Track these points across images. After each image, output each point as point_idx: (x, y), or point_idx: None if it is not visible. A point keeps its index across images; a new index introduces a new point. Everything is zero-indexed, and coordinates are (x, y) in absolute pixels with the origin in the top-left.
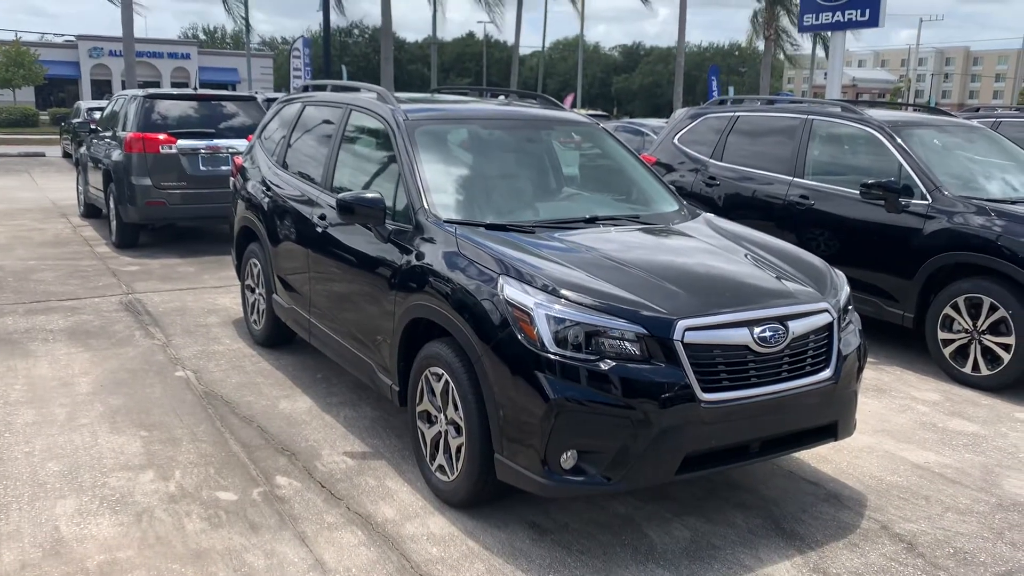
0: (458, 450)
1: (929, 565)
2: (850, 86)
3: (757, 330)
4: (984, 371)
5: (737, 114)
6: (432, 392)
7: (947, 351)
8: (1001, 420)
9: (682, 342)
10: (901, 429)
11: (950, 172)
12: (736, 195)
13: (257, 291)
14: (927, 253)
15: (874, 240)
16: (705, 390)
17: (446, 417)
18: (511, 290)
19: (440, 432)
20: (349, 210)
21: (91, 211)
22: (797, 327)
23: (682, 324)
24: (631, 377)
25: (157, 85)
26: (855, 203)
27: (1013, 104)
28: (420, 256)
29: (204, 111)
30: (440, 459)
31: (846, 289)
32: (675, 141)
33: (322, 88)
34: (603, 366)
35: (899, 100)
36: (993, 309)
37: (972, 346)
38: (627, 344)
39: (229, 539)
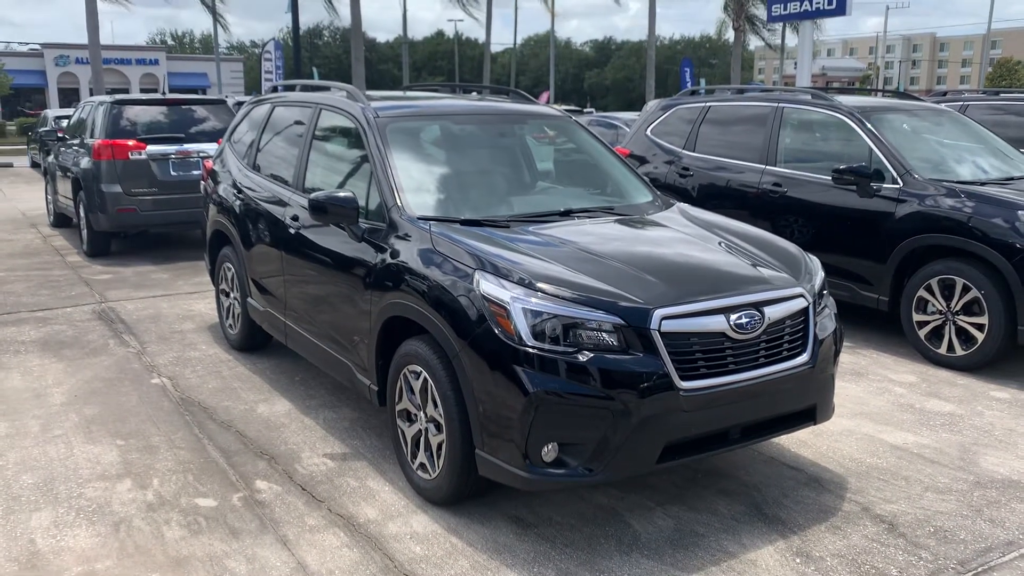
0: (439, 447)
1: (911, 544)
2: (820, 75)
3: (733, 317)
4: (959, 351)
5: (708, 104)
6: (411, 390)
7: (922, 333)
8: (977, 399)
9: (659, 331)
10: (879, 411)
11: (920, 156)
12: (710, 185)
13: (232, 295)
14: (899, 236)
15: (847, 225)
16: (683, 378)
17: (426, 415)
18: (487, 285)
19: (420, 430)
20: (322, 210)
21: (61, 220)
22: (773, 313)
23: (659, 313)
24: (610, 368)
25: (126, 92)
26: (827, 189)
27: (980, 88)
28: (395, 254)
29: (173, 116)
30: (421, 457)
31: (820, 274)
32: (648, 133)
33: (292, 88)
34: (581, 358)
35: (868, 87)
36: (966, 290)
37: (946, 327)
38: (605, 335)
39: (210, 545)
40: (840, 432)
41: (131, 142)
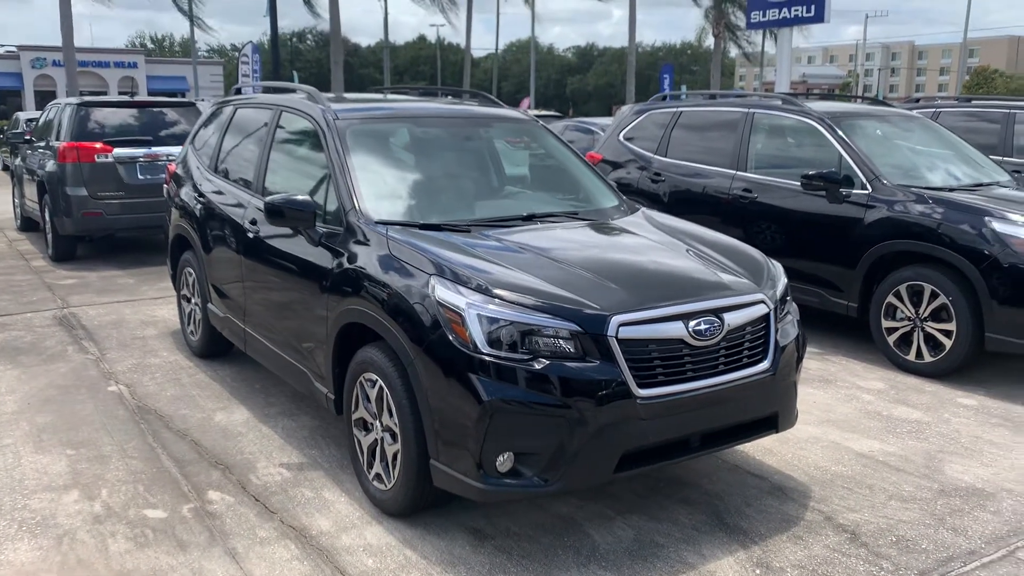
0: (394, 457)
1: (872, 554)
2: (800, 82)
3: (692, 323)
4: (927, 358)
5: (680, 109)
6: (367, 399)
7: (891, 339)
8: (944, 406)
9: (616, 338)
10: (846, 419)
11: (889, 161)
12: (681, 190)
13: (193, 301)
14: (869, 242)
15: (817, 231)
16: (641, 386)
17: (381, 424)
18: (442, 291)
19: (376, 440)
20: (278, 213)
21: (28, 224)
22: (733, 319)
23: (616, 320)
24: (566, 375)
25: (104, 95)
26: (797, 195)
27: (954, 96)
28: (351, 259)
29: (142, 119)
30: (377, 467)
31: (783, 280)
32: (620, 138)
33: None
34: (537, 365)
35: (848, 94)
36: (934, 296)
37: (915, 333)
38: (561, 342)
39: (155, 559)
40: (806, 439)
41: (98, 145)
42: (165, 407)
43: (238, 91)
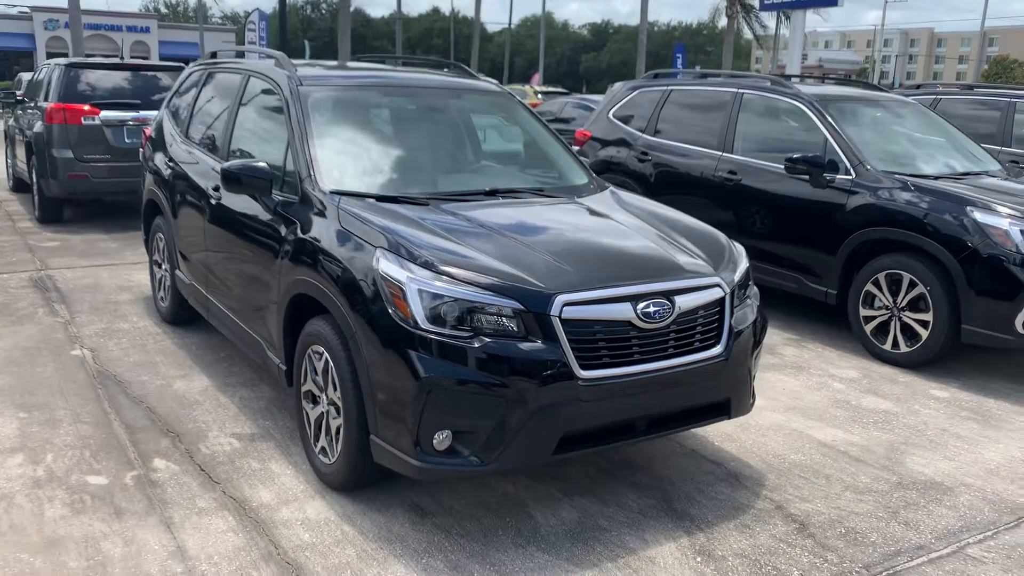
0: (337, 431)
1: (818, 546)
2: (816, 67)
3: (641, 305)
4: (903, 348)
5: (670, 88)
6: (315, 371)
7: (868, 328)
8: (915, 397)
9: (560, 318)
10: (813, 407)
11: (876, 147)
12: (667, 171)
13: (163, 267)
14: (850, 229)
15: (799, 216)
16: (584, 367)
17: (327, 397)
18: (386, 264)
19: (323, 413)
20: (235, 180)
21: (20, 185)
22: (684, 302)
23: (560, 299)
24: (505, 355)
25: (118, 58)
26: (781, 179)
27: (955, 83)
28: (304, 229)
29: (132, 82)
30: (323, 441)
31: (744, 264)
32: (610, 115)
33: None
34: (477, 343)
35: (860, 80)
36: (912, 285)
37: (892, 323)
38: (504, 320)
39: (89, 526)
40: (769, 427)
41: (85, 107)
42: (126, 373)
43: (213, 55)
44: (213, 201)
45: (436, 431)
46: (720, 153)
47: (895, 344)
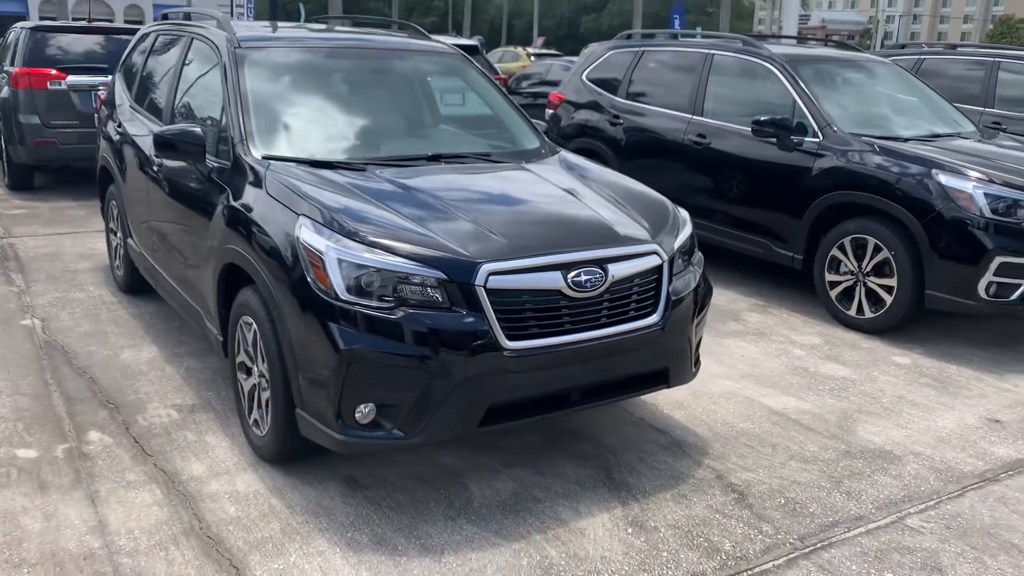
0: (267, 404)
1: (754, 516)
2: (820, 27)
3: (572, 274)
4: (868, 313)
5: (643, 49)
6: (247, 342)
7: (833, 293)
8: (876, 363)
9: (485, 287)
10: (770, 374)
11: (847, 109)
12: (638, 135)
13: (118, 234)
14: (816, 192)
15: (767, 180)
16: (511, 337)
17: (258, 369)
18: (307, 232)
19: (255, 385)
20: (168, 146)
21: None
22: (618, 270)
23: (485, 268)
24: (427, 326)
25: (109, 22)
26: (749, 142)
27: (940, 42)
28: (235, 195)
29: (102, 45)
30: (256, 413)
31: (687, 230)
32: (583, 78)
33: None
34: (398, 314)
35: (868, 42)
36: (877, 250)
37: (857, 288)
38: (428, 291)
39: (11, 500)
40: (721, 394)
41: (52, 71)
42: (74, 343)
43: (164, 16)
44: (155, 168)
45: (358, 404)
46: (690, 116)
47: (860, 310)
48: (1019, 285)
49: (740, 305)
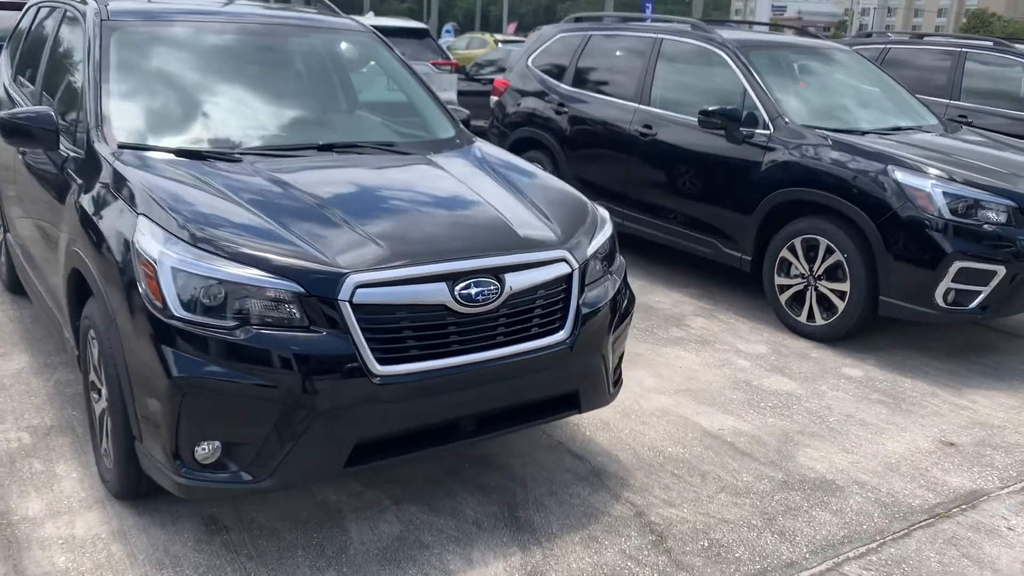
0: (111, 433)
1: (671, 564)
2: (796, 19)
3: (459, 286)
4: (819, 320)
5: (590, 33)
6: (94, 359)
7: (783, 298)
8: (825, 376)
9: (351, 302)
10: (709, 388)
11: (800, 99)
12: (583, 124)
13: (1, 228)
14: (765, 189)
15: (715, 175)
16: (384, 361)
17: (104, 391)
18: (142, 236)
19: (104, 409)
20: (13, 131)
21: None
22: (517, 281)
23: (352, 280)
24: (276, 349)
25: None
26: (697, 133)
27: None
28: (82, 190)
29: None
30: (106, 442)
31: (605, 233)
32: (528, 63)
33: None
34: (242, 335)
35: (843, 34)
36: (829, 252)
37: (808, 293)
38: (282, 307)
39: None
40: (652, 412)
41: None
42: None
43: None
44: (20, 157)
45: (199, 442)
46: (637, 105)
47: (811, 316)
48: (979, 292)
49: (686, 308)
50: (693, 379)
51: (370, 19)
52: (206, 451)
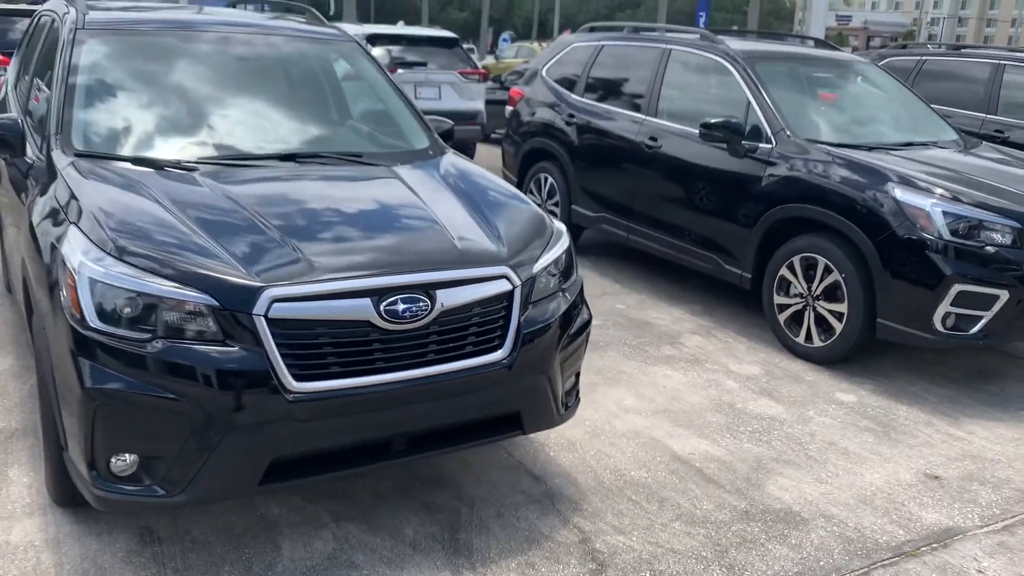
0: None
1: None
2: (862, 28)
3: (385, 302)
4: (816, 342)
5: (602, 43)
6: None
7: (782, 317)
8: (816, 401)
9: (266, 317)
10: (689, 410)
11: (808, 112)
12: (592, 136)
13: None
14: (766, 205)
15: (717, 190)
16: (300, 378)
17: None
18: (68, 245)
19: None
20: None
21: None
22: (450, 297)
23: (268, 295)
24: (187, 362)
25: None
26: (699, 146)
27: (942, 43)
28: (37, 196)
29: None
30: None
31: (558, 248)
32: (543, 73)
33: None
34: (153, 348)
35: (906, 44)
36: (828, 271)
37: (807, 313)
38: (197, 319)
39: None
40: (624, 433)
41: None
42: None
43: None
44: (2, 163)
45: (115, 453)
46: (644, 117)
47: (808, 337)
48: (980, 317)
49: (684, 326)
50: (675, 400)
51: (399, 29)
52: (124, 463)
